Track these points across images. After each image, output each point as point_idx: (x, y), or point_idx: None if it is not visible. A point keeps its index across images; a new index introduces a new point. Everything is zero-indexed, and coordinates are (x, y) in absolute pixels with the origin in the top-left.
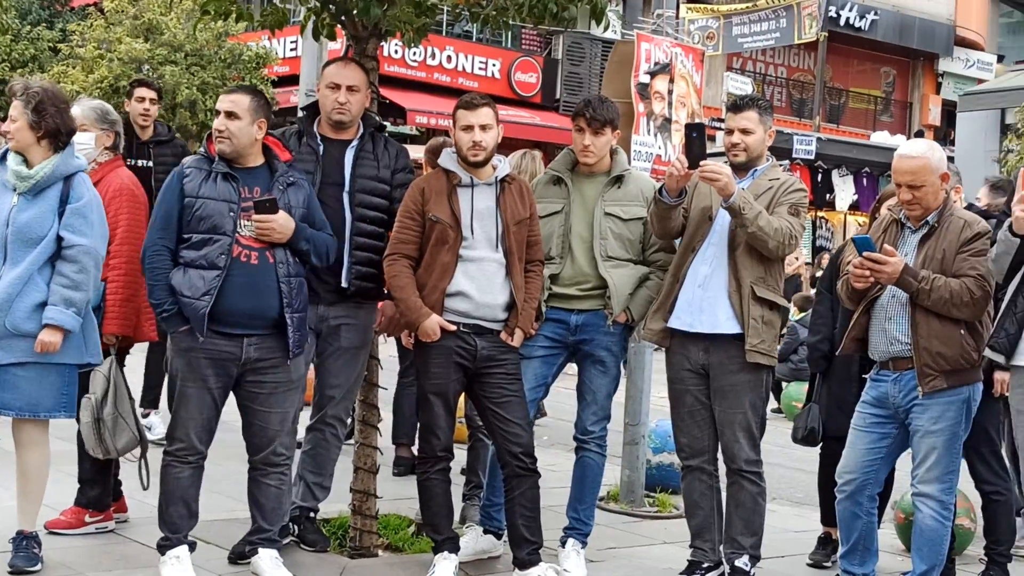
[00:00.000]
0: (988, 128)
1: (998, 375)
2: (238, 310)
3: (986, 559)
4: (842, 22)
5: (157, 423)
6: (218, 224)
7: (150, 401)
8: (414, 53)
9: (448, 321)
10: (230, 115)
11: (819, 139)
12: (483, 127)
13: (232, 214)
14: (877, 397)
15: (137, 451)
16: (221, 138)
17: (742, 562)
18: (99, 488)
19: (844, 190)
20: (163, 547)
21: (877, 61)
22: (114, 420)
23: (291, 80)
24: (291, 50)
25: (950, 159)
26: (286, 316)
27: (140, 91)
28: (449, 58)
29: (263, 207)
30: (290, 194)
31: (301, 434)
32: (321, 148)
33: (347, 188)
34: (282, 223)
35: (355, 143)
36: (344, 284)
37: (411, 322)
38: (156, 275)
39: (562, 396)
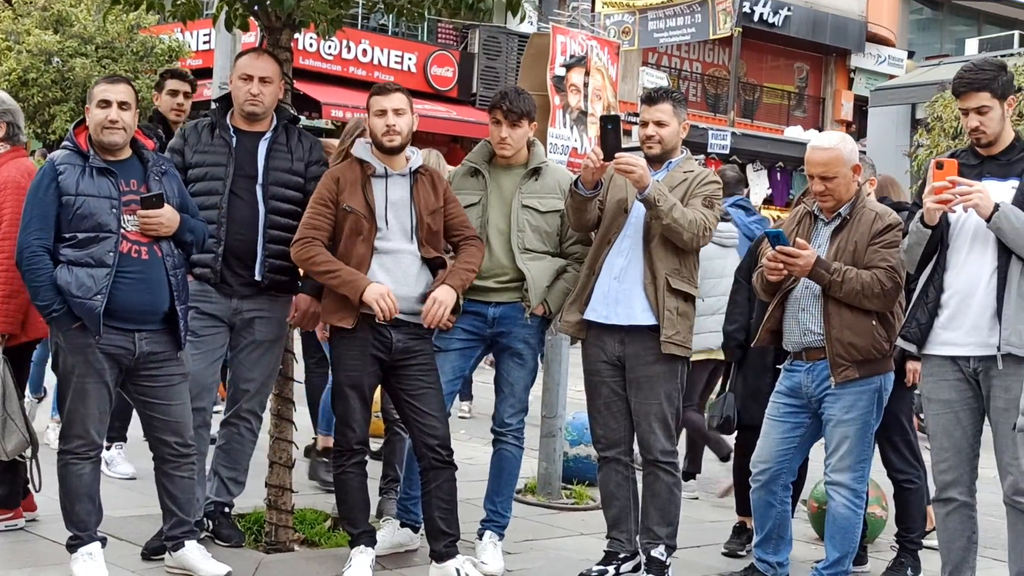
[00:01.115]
0: (899, 123)
1: (910, 365)
2: (131, 306)
3: (898, 546)
4: (756, 18)
5: (116, 457)
6: (102, 222)
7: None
8: (329, 46)
9: (363, 314)
10: (123, 105)
11: (734, 134)
12: (396, 111)
13: (115, 211)
14: (790, 387)
15: (28, 451)
16: (115, 129)
17: (658, 552)
18: (5, 487)
19: (758, 184)
20: (73, 546)
21: (790, 57)
22: (3, 421)
23: (204, 73)
24: (204, 43)
25: (862, 153)
26: (177, 309)
27: (172, 83)
28: (365, 51)
29: (149, 202)
30: (165, 184)
31: (215, 429)
32: (234, 140)
33: (260, 180)
34: (169, 217)
35: (268, 135)
36: (258, 277)
37: (353, 289)
38: (38, 276)
39: (480, 389)
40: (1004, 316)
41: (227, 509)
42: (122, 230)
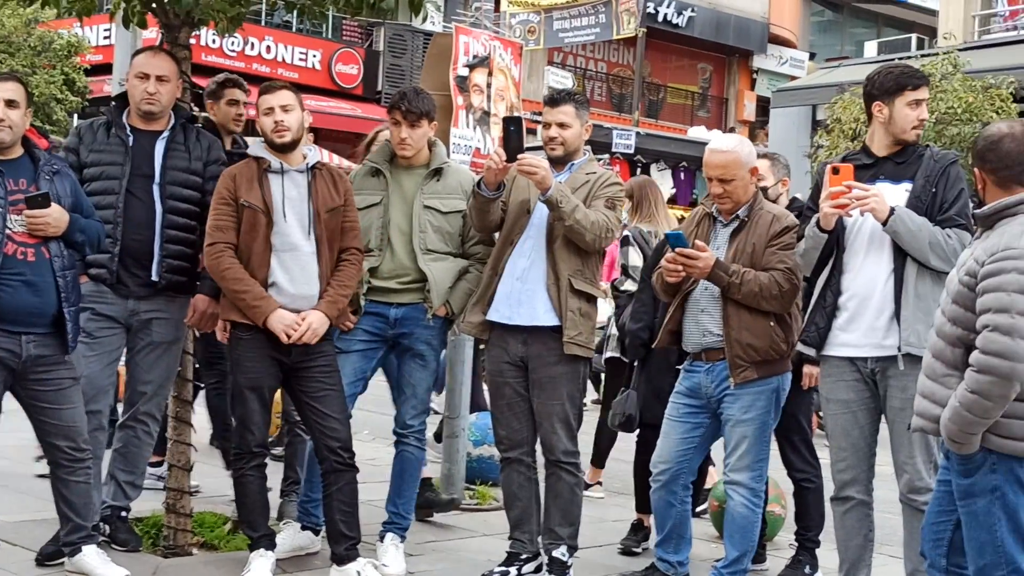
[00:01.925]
0: (800, 124)
1: (807, 369)
2: (17, 309)
3: (796, 544)
4: (660, 18)
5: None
6: None
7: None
8: (232, 43)
9: None
10: (11, 103)
11: (638, 133)
12: (284, 107)
13: (1, 210)
14: (690, 387)
15: None
16: (2, 127)
17: (560, 552)
18: None
19: (662, 184)
20: None
21: (694, 57)
22: None
23: (104, 69)
24: (104, 38)
25: (776, 154)
26: (64, 311)
27: (232, 92)
28: (268, 48)
29: (35, 202)
30: (57, 183)
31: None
32: (131, 139)
33: (157, 180)
34: (56, 216)
35: (166, 134)
36: (155, 277)
37: (257, 313)
38: None
39: (382, 390)
40: (903, 317)
41: (124, 513)
42: (8, 231)
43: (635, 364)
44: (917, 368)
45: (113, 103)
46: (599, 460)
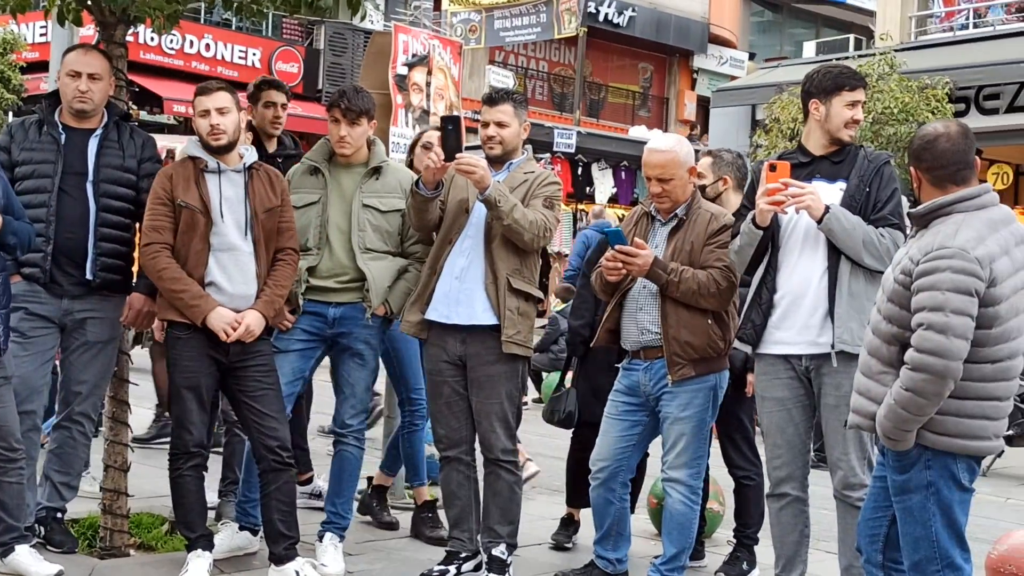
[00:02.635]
0: (740, 123)
1: (751, 377)
2: None
3: (735, 541)
4: (601, 18)
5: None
6: None
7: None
8: (171, 41)
9: None
10: None
11: (579, 133)
12: (220, 110)
13: None
14: (629, 386)
15: None
16: None
17: (499, 551)
18: None
19: (603, 183)
20: None
21: (635, 57)
22: None
23: (40, 67)
24: (40, 36)
25: (726, 152)
26: None
27: (269, 94)
28: (208, 46)
29: None
30: None
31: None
32: (63, 137)
33: (91, 178)
34: None
35: (99, 132)
36: (89, 276)
37: (196, 313)
38: None
39: (321, 389)
40: (836, 315)
41: (59, 515)
42: None
43: (574, 361)
44: (851, 366)
45: (45, 101)
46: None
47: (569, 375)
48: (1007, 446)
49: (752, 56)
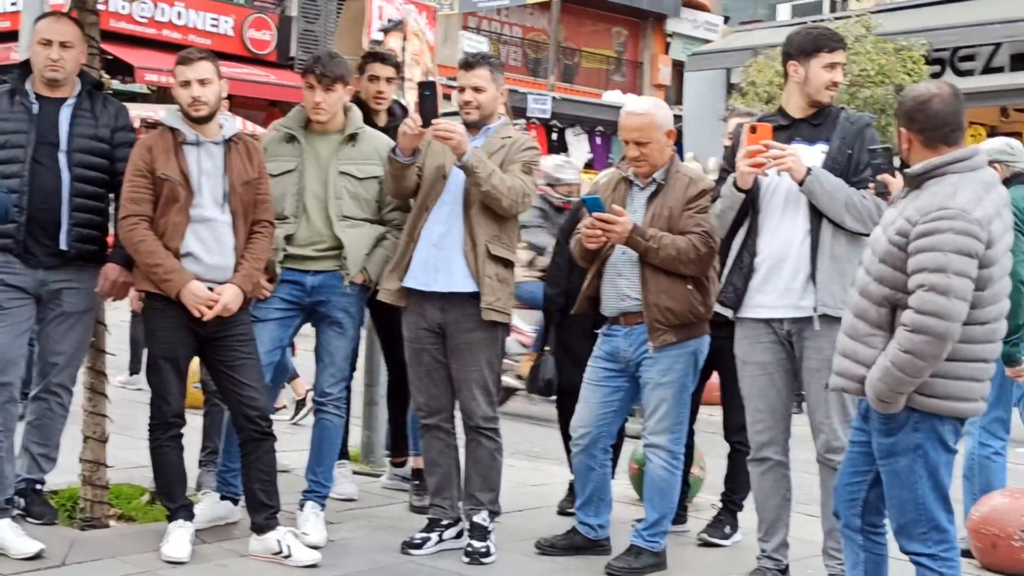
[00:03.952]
0: (715, 88)
1: None
2: None
3: (720, 505)
4: None
5: None
6: None
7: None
8: (142, 8)
9: None
10: None
11: (554, 98)
12: (201, 82)
13: None
14: (609, 352)
15: None
16: None
17: (480, 518)
18: None
19: (578, 148)
20: None
21: (609, 21)
22: None
23: (11, 36)
24: (12, 4)
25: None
26: None
27: (373, 67)
28: (179, 14)
29: None
30: None
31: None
32: (35, 107)
33: (64, 148)
34: None
35: (72, 101)
36: (63, 246)
37: (171, 287)
38: None
39: (304, 357)
40: (818, 278)
41: (39, 486)
42: None
43: (551, 329)
44: (833, 329)
45: (16, 70)
46: None
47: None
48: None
49: (727, 19)
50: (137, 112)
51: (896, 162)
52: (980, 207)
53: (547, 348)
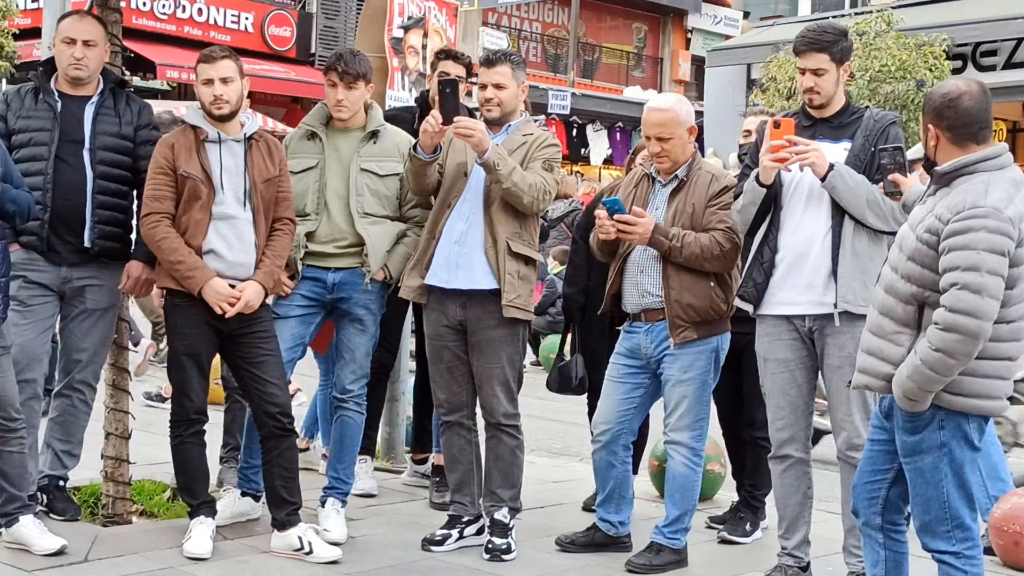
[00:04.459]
0: (735, 83)
1: None
2: None
3: (739, 500)
4: None
5: None
6: None
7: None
8: (163, 5)
9: None
10: None
11: (574, 94)
12: (224, 80)
13: None
14: (630, 348)
15: None
16: None
17: (501, 515)
18: None
19: (598, 144)
20: None
21: (629, 17)
22: None
23: (34, 33)
24: (33, 1)
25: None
26: None
27: (446, 64)
28: (200, 11)
29: None
30: None
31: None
32: (59, 105)
33: (88, 145)
34: None
35: (95, 99)
36: (87, 244)
37: (193, 283)
38: None
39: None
40: (840, 274)
41: (62, 483)
42: None
43: (572, 328)
44: (855, 326)
45: (40, 68)
46: None
47: (568, 342)
48: (1012, 404)
49: (747, 15)
50: (159, 109)
51: (914, 156)
52: (1012, 205)
53: (567, 347)
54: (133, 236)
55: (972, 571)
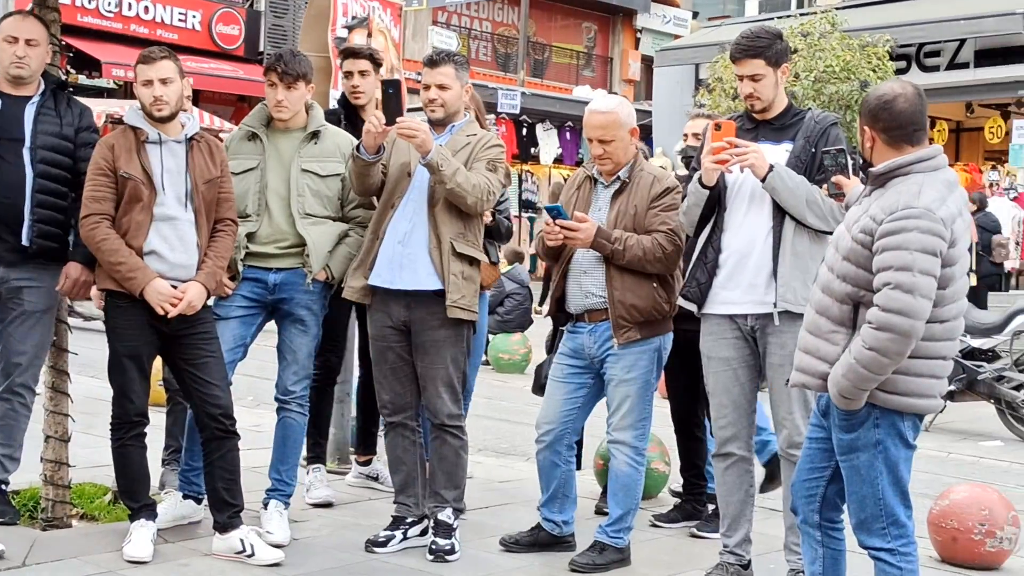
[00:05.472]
0: (683, 83)
1: None
2: None
3: (680, 499)
4: None
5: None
6: None
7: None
8: (109, 3)
9: None
10: None
11: (523, 93)
12: (163, 81)
13: None
14: (573, 348)
15: None
16: None
17: (445, 515)
18: None
19: (548, 144)
20: None
21: (579, 16)
22: None
23: None
24: None
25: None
26: None
27: (348, 62)
28: (146, 9)
29: None
30: None
31: None
32: (0, 104)
33: (28, 144)
34: None
35: (36, 99)
36: (25, 243)
37: (134, 285)
38: None
39: (267, 354)
40: (780, 274)
41: (2, 486)
42: None
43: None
44: (795, 325)
45: None
46: None
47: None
48: (949, 402)
49: (695, 15)
50: (103, 108)
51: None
52: (944, 206)
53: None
54: (71, 239)
55: (907, 567)
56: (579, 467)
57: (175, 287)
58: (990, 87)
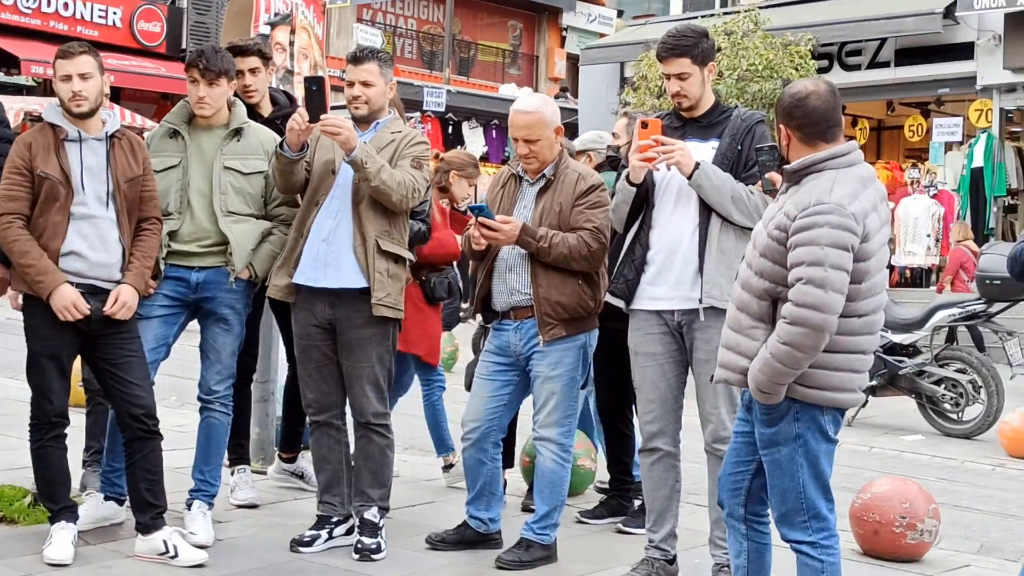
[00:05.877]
0: (609, 81)
1: None
2: None
3: (607, 496)
4: None
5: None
6: None
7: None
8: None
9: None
10: None
11: (449, 91)
12: (83, 76)
13: None
14: (499, 346)
15: None
16: None
17: (371, 514)
18: None
19: (474, 142)
20: None
21: (504, 14)
22: None
23: None
24: None
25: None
26: None
27: (236, 60)
28: (66, 5)
29: None
30: None
31: None
32: None
33: None
34: None
35: None
36: None
37: (42, 288)
38: None
39: (189, 353)
40: (705, 271)
41: None
42: None
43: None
44: (720, 321)
45: None
46: None
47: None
48: (871, 396)
49: (620, 13)
50: (22, 106)
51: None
52: (856, 202)
53: None
54: None
55: (828, 560)
56: (511, 465)
57: (97, 287)
58: (910, 86)
